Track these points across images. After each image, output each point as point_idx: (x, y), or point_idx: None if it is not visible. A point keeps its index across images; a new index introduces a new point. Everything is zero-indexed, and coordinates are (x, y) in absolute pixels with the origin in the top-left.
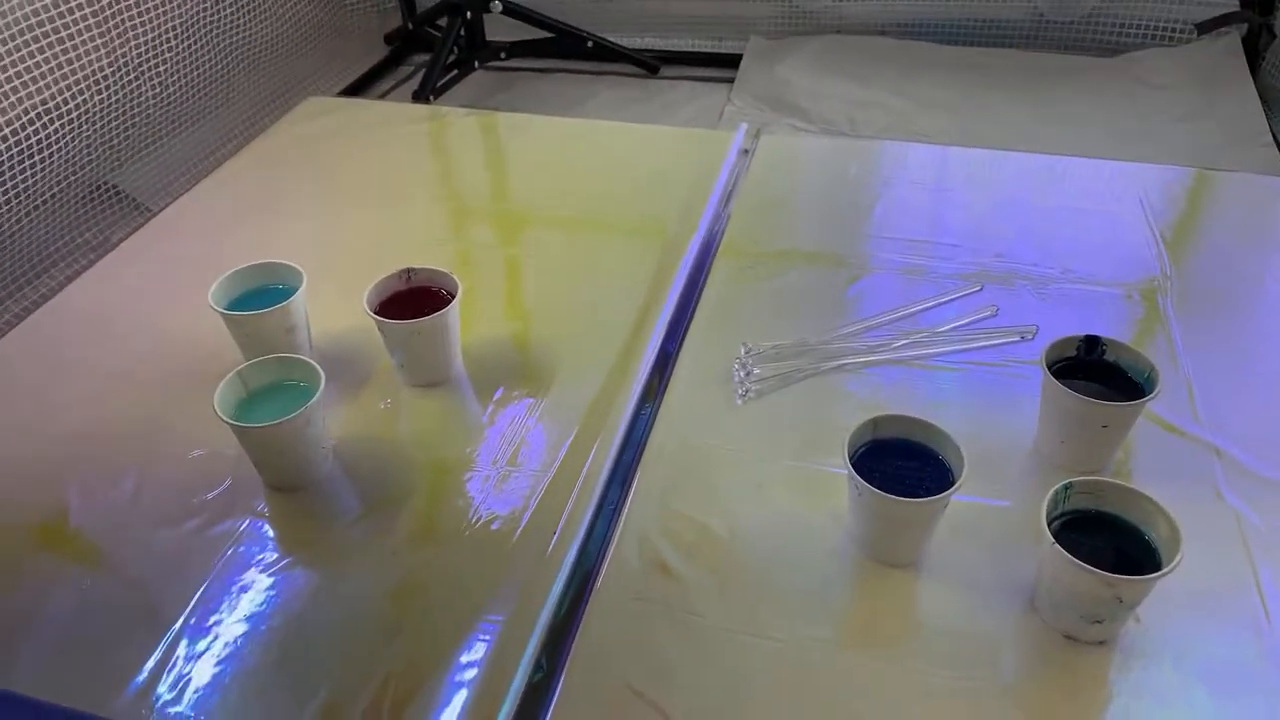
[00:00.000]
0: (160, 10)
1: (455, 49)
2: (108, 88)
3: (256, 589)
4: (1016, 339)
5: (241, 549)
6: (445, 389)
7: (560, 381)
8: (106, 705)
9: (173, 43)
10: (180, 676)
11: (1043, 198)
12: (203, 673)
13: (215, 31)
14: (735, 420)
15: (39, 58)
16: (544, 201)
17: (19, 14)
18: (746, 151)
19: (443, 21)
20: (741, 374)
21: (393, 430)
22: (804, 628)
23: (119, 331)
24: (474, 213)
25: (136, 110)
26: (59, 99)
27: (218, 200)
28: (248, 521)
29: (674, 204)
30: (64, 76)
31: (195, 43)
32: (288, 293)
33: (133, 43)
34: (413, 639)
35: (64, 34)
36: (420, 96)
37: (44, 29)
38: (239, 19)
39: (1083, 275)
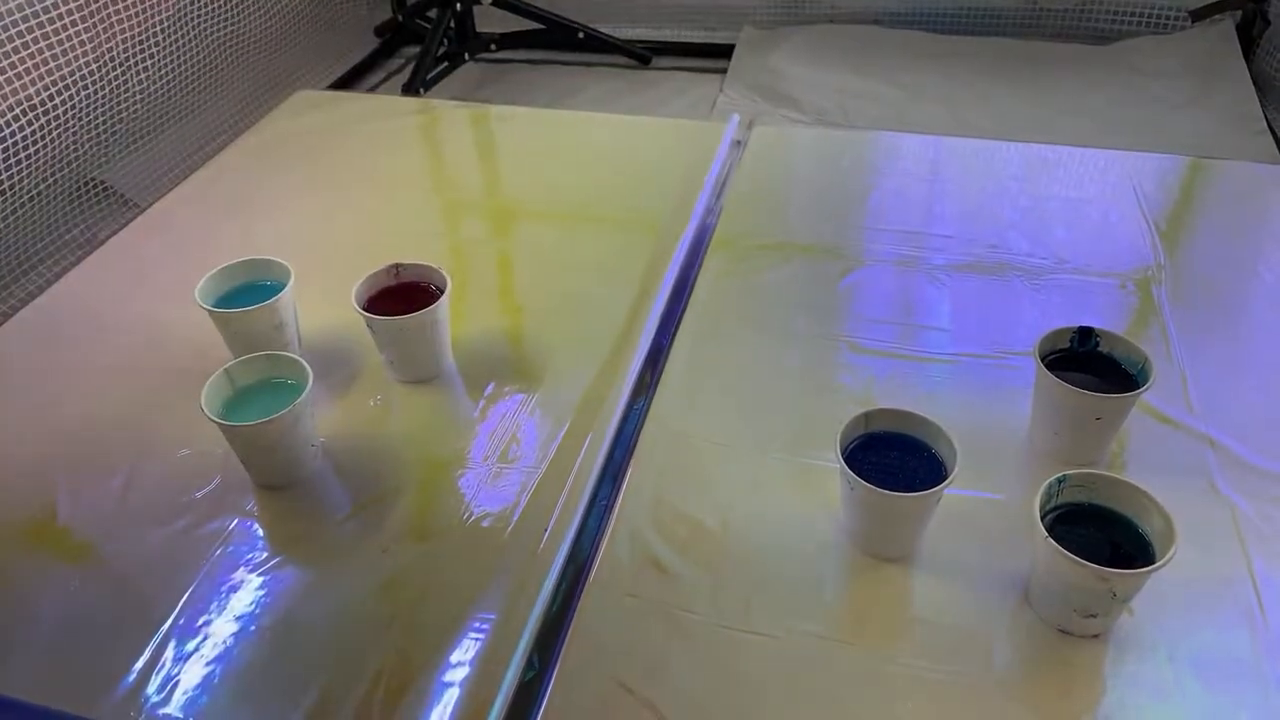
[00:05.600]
0: (146, 4)
1: (445, 41)
2: (94, 83)
3: (246, 588)
4: None
5: (231, 548)
6: (436, 385)
7: (552, 376)
8: (95, 706)
9: (159, 37)
10: (169, 677)
11: (1036, 187)
12: (192, 673)
13: (203, 25)
14: (727, 414)
15: (23, 53)
16: (535, 194)
17: (1, 9)
18: (739, 143)
19: (432, 13)
20: None
21: (383, 427)
22: (797, 622)
23: (106, 329)
24: (465, 206)
25: (123, 105)
26: (44, 95)
27: (206, 196)
28: (237, 520)
29: (666, 196)
30: (49, 72)
31: (182, 36)
32: (276, 289)
33: (119, 37)
34: (404, 637)
35: (48, 29)
36: (410, 89)
37: (28, 24)
38: (226, 12)
39: (1076, 265)
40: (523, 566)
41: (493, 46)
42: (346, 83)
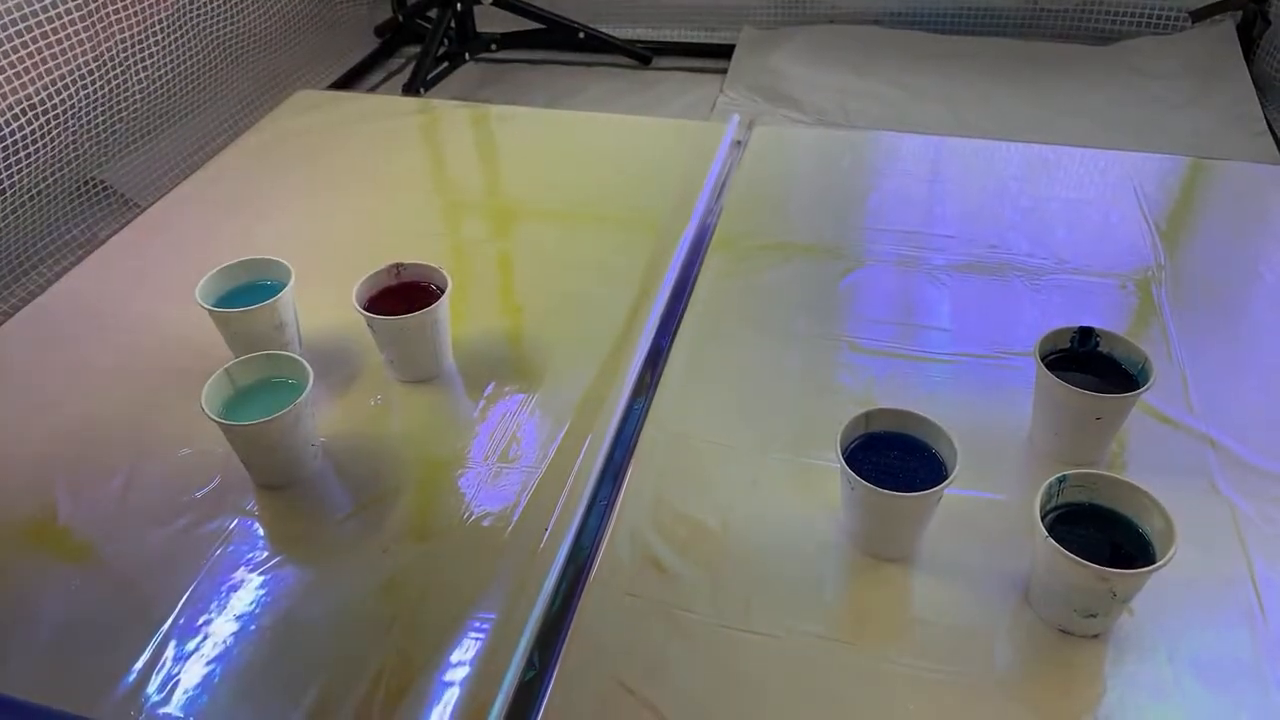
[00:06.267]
0: (146, 4)
1: (446, 41)
2: (94, 82)
3: (246, 588)
4: None
5: (231, 548)
6: (436, 385)
7: (552, 376)
8: (95, 706)
9: (159, 36)
10: (169, 677)
11: (1036, 188)
12: (192, 673)
13: (202, 25)
14: (727, 415)
15: (23, 53)
16: (535, 194)
17: (1, 9)
18: (739, 143)
19: (433, 13)
20: None
21: (383, 427)
22: (797, 622)
23: (107, 328)
24: (465, 206)
25: (124, 105)
26: (44, 94)
27: (206, 195)
28: (237, 520)
29: (666, 196)
30: (49, 71)
31: (182, 36)
32: (276, 289)
33: (118, 37)
34: (404, 637)
35: (48, 28)
36: (411, 89)
37: (28, 24)
38: (227, 12)
39: (1077, 266)
40: (523, 566)
41: (493, 46)
42: (347, 83)
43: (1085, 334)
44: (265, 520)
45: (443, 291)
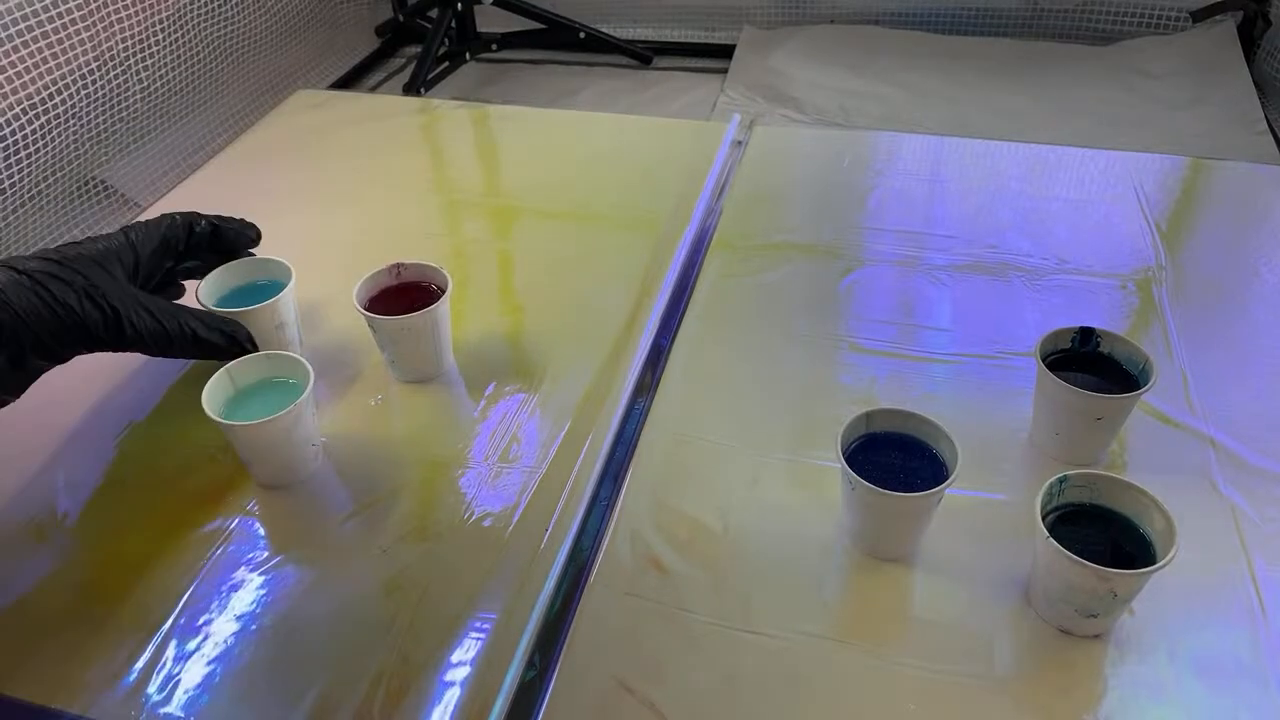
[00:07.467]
0: (146, 3)
1: (446, 41)
2: (94, 82)
3: (247, 588)
4: None
5: (231, 548)
6: (437, 385)
7: (553, 376)
8: (95, 706)
9: (160, 36)
10: (170, 677)
11: (1037, 188)
12: (193, 673)
13: (203, 24)
14: (728, 414)
15: (23, 53)
16: (536, 194)
17: (1, 9)
18: (740, 143)
19: (433, 13)
20: None
21: (384, 427)
22: (798, 623)
23: None
24: (466, 206)
25: (124, 105)
26: (44, 94)
27: (207, 195)
28: (237, 520)
29: (667, 196)
30: (49, 71)
31: (183, 36)
32: (277, 288)
33: (119, 36)
34: (404, 637)
35: (49, 28)
36: (411, 89)
37: (28, 23)
38: (227, 11)
39: (1077, 266)
40: (523, 566)
41: (494, 46)
42: (347, 82)
43: (1086, 334)
44: (265, 520)
45: (443, 291)
